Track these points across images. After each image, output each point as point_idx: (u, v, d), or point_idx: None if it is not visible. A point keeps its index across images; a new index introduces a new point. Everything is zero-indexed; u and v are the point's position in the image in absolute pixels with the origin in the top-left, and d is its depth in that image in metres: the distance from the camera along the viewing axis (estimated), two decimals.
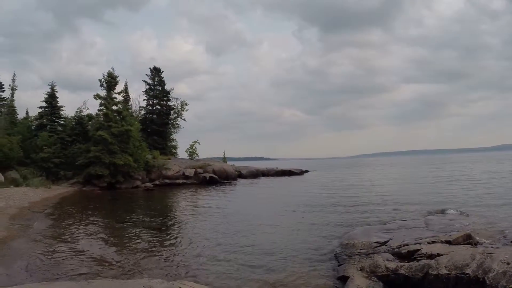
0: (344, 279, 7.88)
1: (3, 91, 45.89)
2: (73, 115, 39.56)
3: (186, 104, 54.48)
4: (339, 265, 8.85)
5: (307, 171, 57.54)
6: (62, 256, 10.58)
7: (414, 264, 7.67)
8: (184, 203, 24.39)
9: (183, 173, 38.03)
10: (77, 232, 14.31)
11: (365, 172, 56.76)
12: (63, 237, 13.34)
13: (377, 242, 9.97)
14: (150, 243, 12.17)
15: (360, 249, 9.51)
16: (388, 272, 7.67)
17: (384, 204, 18.97)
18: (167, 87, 52.19)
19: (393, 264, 7.89)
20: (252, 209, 19.63)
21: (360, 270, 8.02)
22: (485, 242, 9.72)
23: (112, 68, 35.47)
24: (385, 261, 8.08)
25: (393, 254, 8.79)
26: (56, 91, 39.44)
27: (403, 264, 7.82)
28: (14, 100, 44.58)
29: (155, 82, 51.17)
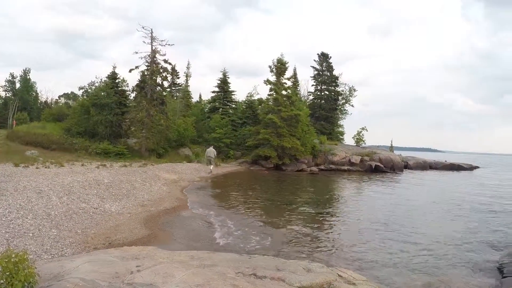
0: None
1: (178, 78, 50.11)
2: (244, 99, 41.24)
3: (354, 90, 54.30)
4: (502, 277, 7.82)
5: (477, 167, 51.96)
6: (225, 228, 10.93)
7: None
8: (349, 190, 23.29)
9: (349, 160, 36.86)
10: (242, 207, 14.54)
11: None
12: (228, 211, 13.71)
13: None
14: (312, 227, 11.79)
15: None
16: None
17: None
18: (334, 72, 52.22)
19: None
20: (416, 204, 17.79)
21: None
22: None
23: (281, 55, 35.71)
24: None
25: None
26: (228, 77, 41.42)
27: None
28: (189, 85, 48.39)
29: (323, 68, 51.23)
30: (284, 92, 35.20)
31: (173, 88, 48.82)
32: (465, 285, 7.40)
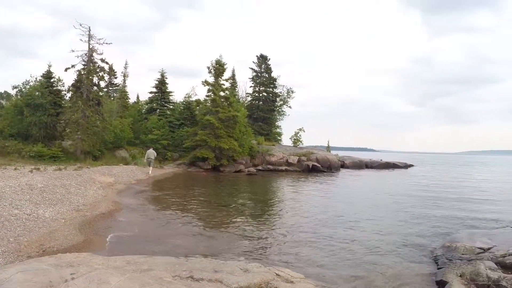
0: (442, 284, 7.50)
1: (115, 78, 49.07)
2: (182, 100, 41.05)
3: (292, 92, 55.60)
4: (438, 268, 8.44)
5: (411, 166, 55.34)
6: (162, 232, 11.05)
7: None
8: (286, 190, 24.01)
9: (287, 160, 37.85)
10: (179, 210, 14.60)
11: (475, 171, 52.35)
12: (165, 214, 13.76)
13: (481, 248, 9.33)
14: (249, 228, 12.12)
15: (462, 254, 9.06)
16: (489, 283, 7.07)
17: (494, 208, 17.52)
18: (273, 74, 53.37)
19: (495, 274, 7.26)
20: (351, 202, 18.75)
21: (460, 276, 7.57)
22: None
23: (220, 56, 35.95)
24: (487, 270, 7.43)
25: (497, 263, 8.16)
26: (166, 78, 40.98)
27: (506, 275, 7.21)
28: (126, 86, 47.41)
29: (262, 70, 52.20)
30: (222, 93, 35.50)
31: (110, 88, 47.77)
32: (403, 278, 7.94)
